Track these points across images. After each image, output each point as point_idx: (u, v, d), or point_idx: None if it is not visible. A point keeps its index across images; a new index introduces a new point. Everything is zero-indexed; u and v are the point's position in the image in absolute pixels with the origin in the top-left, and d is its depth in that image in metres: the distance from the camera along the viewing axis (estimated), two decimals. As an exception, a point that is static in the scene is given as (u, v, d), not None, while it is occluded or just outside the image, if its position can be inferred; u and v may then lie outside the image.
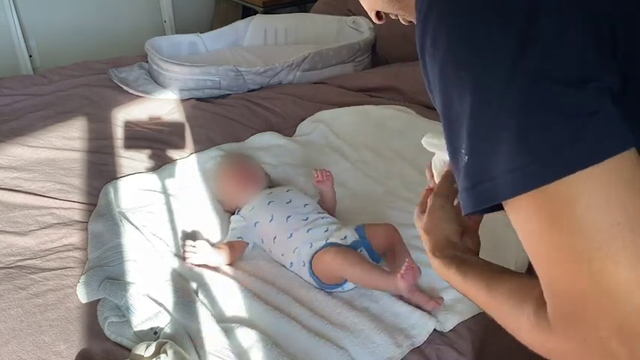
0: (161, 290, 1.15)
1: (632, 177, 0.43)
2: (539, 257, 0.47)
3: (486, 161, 0.47)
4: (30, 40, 2.72)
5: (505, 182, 0.45)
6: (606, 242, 0.42)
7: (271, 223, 1.31)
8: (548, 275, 0.47)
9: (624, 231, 0.41)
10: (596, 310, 0.43)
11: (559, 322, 0.46)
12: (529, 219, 0.46)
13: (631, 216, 0.42)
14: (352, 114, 1.90)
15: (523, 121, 0.44)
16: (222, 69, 2.08)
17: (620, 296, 0.41)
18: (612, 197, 0.42)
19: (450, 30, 0.49)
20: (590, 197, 0.42)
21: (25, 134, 1.74)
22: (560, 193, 0.43)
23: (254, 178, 1.47)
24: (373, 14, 0.72)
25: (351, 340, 1.05)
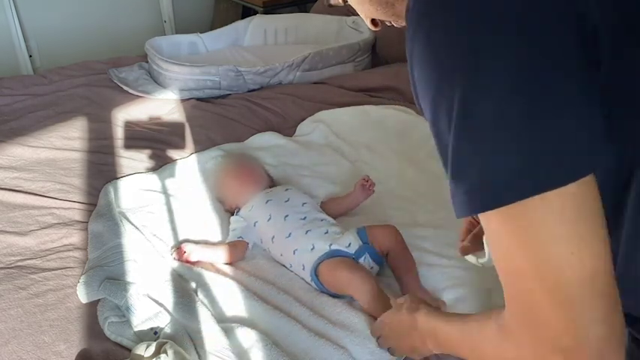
0: (161, 290, 1.15)
1: (590, 204, 0.48)
2: (504, 268, 0.53)
3: (461, 176, 0.51)
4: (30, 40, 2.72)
5: (471, 199, 0.50)
6: (559, 268, 0.48)
7: (269, 222, 1.31)
8: (510, 283, 0.53)
9: (575, 260, 0.47)
10: (550, 315, 0.49)
11: (516, 321, 0.53)
12: (498, 233, 0.51)
13: (583, 246, 0.47)
14: (352, 114, 1.90)
15: (488, 142, 0.48)
16: (222, 69, 2.08)
17: (568, 307, 0.48)
18: (567, 226, 0.47)
19: (436, 50, 0.51)
20: (549, 223, 0.47)
21: (25, 134, 1.74)
22: (521, 214, 0.48)
23: (255, 178, 1.47)
24: (369, 21, 0.74)
25: (351, 340, 1.05)
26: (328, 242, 1.22)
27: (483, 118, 0.48)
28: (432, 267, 1.22)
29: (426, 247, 1.28)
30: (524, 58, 0.47)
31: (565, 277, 0.47)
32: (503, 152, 0.47)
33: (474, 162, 0.49)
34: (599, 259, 0.47)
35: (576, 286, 0.47)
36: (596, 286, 0.47)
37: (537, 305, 0.50)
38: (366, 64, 2.40)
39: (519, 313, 0.53)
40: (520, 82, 0.47)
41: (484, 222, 0.52)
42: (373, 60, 2.44)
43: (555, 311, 0.48)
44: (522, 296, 0.51)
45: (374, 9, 0.69)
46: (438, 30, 0.51)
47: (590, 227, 0.47)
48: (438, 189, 1.46)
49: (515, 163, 0.47)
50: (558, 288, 0.48)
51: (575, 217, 0.47)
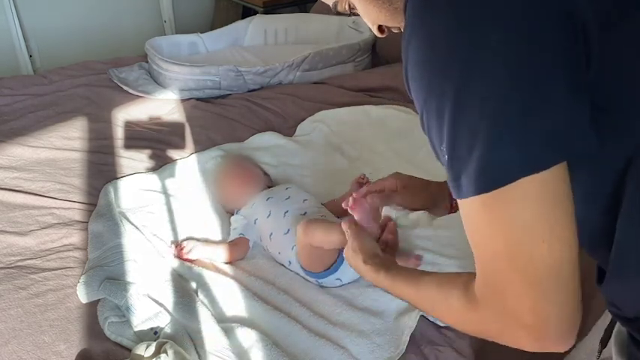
0: (161, 290, 1.15)
1: (561, 192, 0.50)
2: (478, 248, 0.56)
3: (451, 166, 0.54)
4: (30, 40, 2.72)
5: (461, 184, 0.53)
6: (530, 253, 0.51)
7: (269, 218, 1.31)
8: (483, 262, 0.56)
9: (545, 247, 0.50)
10: (517, 292, 0.52)
11: (486, 295, 0.56)
12: (472, 216, 0.55)
13: (553, 235, 0.50)
14: (352, 114, 1.90)
15: (455, 134, 0.51)
16: (222, 69, 2.08)
17: (534, 286, 0.51)
18: (540, 213, 0.50)
19: (431, 46, 0.53)
20: (524, 209, 0.50)
21: (25, 134, 1.74)
22: (498, 201, 0.51)
23: (252, 180, 1.46)
24: (375, 28, 0.75)
25: (352, 340, 1.05)
26: None
27: (469, 113, 0.50)
28: (432, 266, 1.22)
29: (426, 246, 1.28)
30: (513, 55, 0.48)
31: (535, 261, 0.51)
32: (481, 143, 0.49)
33: (458, 152, 0.52)
34: (567, 248, 0.51)
35: (544, 270, 0.51)
36: (562, 273, 0.51)
37: (507, 283, 0.53)
38: (366, 64, 2.40)
39: (489, 289, 0.56)
40: (503, 77, 0.49)
41: (461, 207, 0.55)
42: (373, 60, 2.44)
43: (523, 290, 0.52)
44: (494, 274, 0.54)
45: (379, 12, 0.70)
46: (434, 26, 0.53)
47: (560, 216, 0.50)
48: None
49: (490, 153, 0.49)
50: (528, 270, 0.51)
51: (547, 204, 0.50)
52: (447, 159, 0.53)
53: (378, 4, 0.69)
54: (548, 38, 0.49)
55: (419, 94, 0.56)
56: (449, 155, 0.53)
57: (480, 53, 0.49)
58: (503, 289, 0.54)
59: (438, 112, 0.52)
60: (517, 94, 0.49)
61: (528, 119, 0.49)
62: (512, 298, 0.53)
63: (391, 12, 0.69)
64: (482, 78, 0.49)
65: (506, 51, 0.49)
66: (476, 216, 0.54)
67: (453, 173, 0.53)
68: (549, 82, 0.49)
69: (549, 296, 0.52)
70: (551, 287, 0.51)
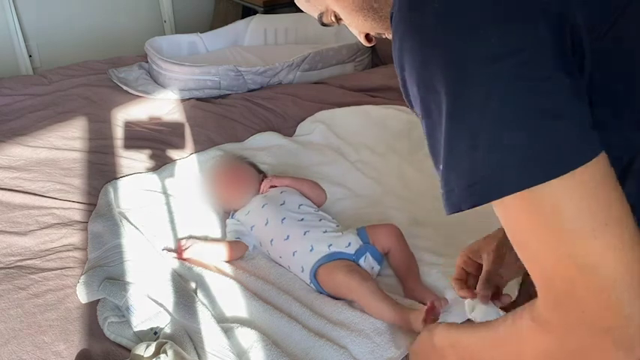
0: (161, 290, 1.15)
1: (605, 178, 0.48)
2: (527, 254, 0.51)
3: (460, 170, 0.51)
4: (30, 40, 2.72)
5: (478, 190, 0.50)
6: (588, 245, 0.46)
7: (267, 226, 1.30)
8: (540, 271, 0.50)
9: (601, 235, 0.46)
10: (585, 293, 0.47)
11: (553, 309, 0.50)
12: (514, 221, 0.50)
13: (610, 215, 0.46)
14: (352, 114, 1.90)
15: (491, 131, 0.48)
16: (222, 69, 2.07)
17: (604, 279, 0.46)
18: (591, 201, 0.47)
19: (423, 48, 0.52)
20: (569, 202, 0.47)
21: (25, 134, 1.74)
22: (538, 198, 0.47)
23: (245, 181, 1.45)
24: (362, 37, 0.75)
25: (351, 340, 1.05)
26: (327, 243, 1.21)
27: (492, 112, 0.48)
28: (432, 266, 1.22)
29: (426, 246, 1.28)
30: (511, 58, 0.48)
31: (595, 253, 0.46)
32: (515, 142, 0.47)
33: (482, 152, 0.49)
34: (627, 230, 0.47)
35: (608, 260, 0.46)
36: (627, 257, 0.46)
37: (571, 287, 0.47)
38: (366, 64, 2.40)
39: (554, 301, 0.50)
40: (515, 79, 0.48)
41: (501, 210, 0.51)
42: (373, 60, 2.44)
43: (591, 290, 0.46)
44: (553, 282, 0.49)
45: (365, 21, 0.70)
46: (422, 32, 0.52)
47: (613, 199, 0.47)
48: (438, 189, 1.46)
49: (526, 150, 0.47)
50: (589, 266, 0.46)
51: (597, 192, 0.47)
52: (468, 158, 0.50)
53: (363, 13, 0.69)
54: (546, 38, 0.49)
55: (416, 99, 0.55)
56: (470, 152, 0.50)
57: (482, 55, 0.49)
58: (567, 293, 0.48)
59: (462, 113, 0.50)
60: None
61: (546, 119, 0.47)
62: (580, 300, 0.47)
63: (377, 20, 0.69)
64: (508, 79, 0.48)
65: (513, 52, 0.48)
66: (515, 218, 0.50)
67: (477, 172, 0.50)
68: (558, 81, 0.48)
69: (622, 290, 0.46)
70: (620, 278, 0.46)
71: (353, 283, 1.12)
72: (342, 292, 1.15)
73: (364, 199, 1.52)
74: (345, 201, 1.51)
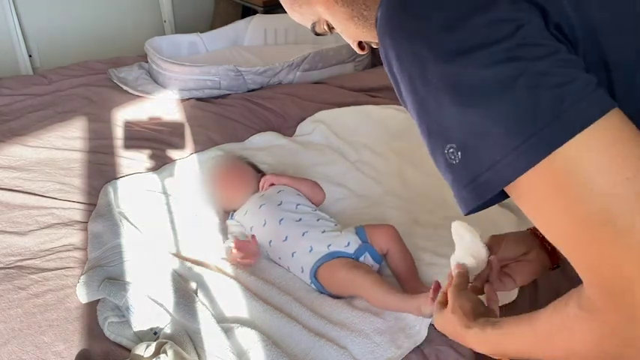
0: (161, 290, 1.15)
1: (625, 131, 0.44)
2: (561, 236, 0.46)
3: (481, 153, 0.48)
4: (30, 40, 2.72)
5: (505, 165, 0.46)
6: (623, 198, 0.41)
7: (265, 227, 1.30)
8: (577, 251, 0.45)
9: (636, 183, 0.41)
10: (636, 270, 0.41)
11: (605, 297, 0.44)
12: (539, 199, 0.46)
13: (638, 167, 0.42)
14: (352, 114, 1.90)
15: (506, 104, 0.46)
16: (222, 69, 2.07)
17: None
18: (614, 155, 0.43)
19: (412, 44, 0.51)
20: (592, 160, 0.43)
21: (25, 134, 1.74)
22: (560, 164, 0.44)
23: (242, 181, 1.45)
24: (355, 45, 0.76)
25: (351, 340, 1.05)
26: (326, 243, 1.21)
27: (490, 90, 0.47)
28: (431, 266, 1.22)
29: (426, 246, 1.28)
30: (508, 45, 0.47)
31: (636, 213, 0.41)
32: (527, 107, 0.45)
33: (489, 138, 0.47)
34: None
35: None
36: None
37: (616, 263, 0.42)
38: (366, 64, 2.40)
39: (599, 283, 0.44)
40: (511, 60, 0.47)
41: (518, 196, 0.48)
42: (373, 60, 2.44)
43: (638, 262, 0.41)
44: (595, 260, 0.43)
45: (356, 29, 0.71)
46: (409, 29, 0.52)
47: (637, 151, 0.43)
48: (438, 189, 1.46)
49: (546, 111, 0.45)
50: (630, 230, 0.41)
51: (617, 146, 0.43)
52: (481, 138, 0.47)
53: (354, 21, 0.70)
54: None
55: (409, 97, 0.55)
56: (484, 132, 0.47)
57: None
58: (613, 271, 0.42)
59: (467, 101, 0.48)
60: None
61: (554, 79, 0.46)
62: (629, 277, 0.41)
63: (367, 27, 0.70)
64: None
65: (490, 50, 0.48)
66: (540, 195, 0.46)
67: (490, 155, 0.47)
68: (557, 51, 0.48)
69: None
70: None
71: (357, 277, 1.12)
72: (346, 288, 1.15)
73: (364, 199, 1.52)
74: (345, 201, 1.51)
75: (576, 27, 0.49)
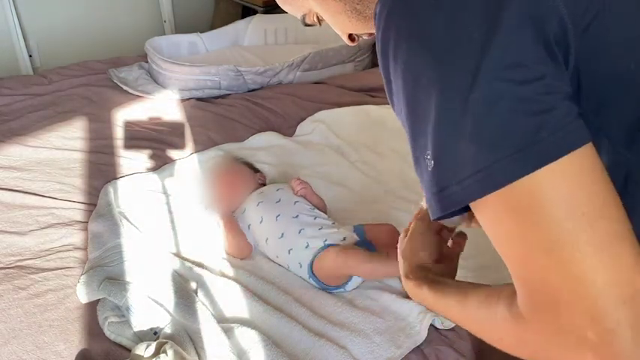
0: (161, 290, 1.15)
1: (593, 168, 0.46)
2: (511, 254, 0.49)
3: (452, 166, 0.49)
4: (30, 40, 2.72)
5: (471, 184, 0.47)
6: (573, 233, 0.44)
7: (262, 224, 1.30)
8: (520, 269, 0.48)
9: (589, 221, 0.44)
10: (568, 298, 0.44)
11: (533, 311, 0.47)
12: (498, 218, 0.48)
13: (595, 206, 0.44)
14: (352, 114, 1.90)
15: (484, 123, 0.47)
16: (222, 69, 2.07)
17: (587, 283, 0.43)
18: (576, 190, 0.45)
19: (409, 44, 0.51)
20: (554, 191, 0.44)
21: (25, 134, 1.74)
22: (525, 190, 0.45)
23: (239, 183, 1.45)
24: (345, 37, 0.75)
25: (351, 340, 1.05)
26: (323, 239, 1.21)
27: (473, 112, 0.47)
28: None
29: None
30: (496, 56, 0.47)
31: (582, 254, 0.43)
32: (500, 130, 0.46)
33: (462, 153, 0.48)
34: (614, 222, 0.44)
35: (596, 264, 0.42)
36: (613, 251, 0.43)
37: (553, 292, 0.44)
38: (366, 64, 2.40)
39: (533, 303, 0.47)
40: (495, 79, 0.47)
41: (479, 212, 0.49)
42: (373, 60, 2.44)
43: (574, 298, 0.43)
44: (534, 284, 0.46)
45: (348, 22, 0.70)
46: (410, 38, 0.52)
47: (598, 190, 0.45)
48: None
49: (518, 137, 0.46)
50: (574, 269, 0.43)
51: (581, 181, 0.45)
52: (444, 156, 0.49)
53: (347, 14, 0.69)
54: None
55: (401, 101, 0.54)
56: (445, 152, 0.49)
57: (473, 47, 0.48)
58: (549, 297, 0.45)
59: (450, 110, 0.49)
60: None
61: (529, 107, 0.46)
62: (563, 307, 0.44)
63: (361, 20, 0.69)
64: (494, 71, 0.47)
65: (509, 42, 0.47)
66: (496, 217, 0.48)
67: (464, 170, 0.48)
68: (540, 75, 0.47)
69: (609, 294, 0.42)
70: (607, 283, 0.42)
71: (347, 256, 1.15)
72: (339, 270, 1.16)
73: (364, 199, 1.52)
74: (345, 201, 1.51)
75: (573, 43, 0.49)
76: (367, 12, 0.67)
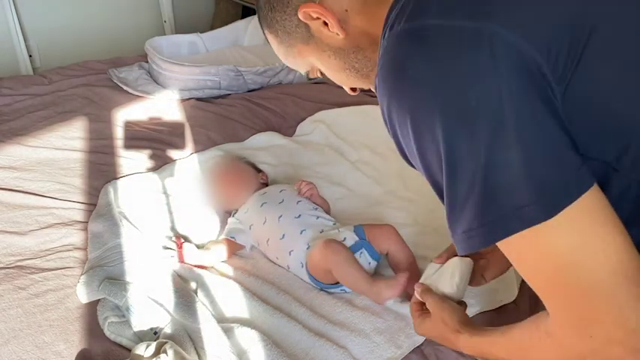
0: (161, 290, 1.15)
1: (601, 207, 0.54)
2: (540, 286, 0.58)
3: (468, 213, 0.57)
4: (30, 40, 2.72)
5: (495, 227, 0.55)
6: (591, 268, 0.53)
7: (265, 225, 1.30)
8: (549, 298, 0.58)
9: (602, 256, 0.53)
10: (597, 315, 0.54)
11: (565, 330, 0.57)
12: (525, 257, 0.57)
13: (606, 244, 0.53)
14: (352, 114, 1.90)
15: (491, 182, 0.54)
16: (222, 69, 2.07)
17: (615, 305, 0.53)
18: (588, 229, 0.53)
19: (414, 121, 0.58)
20: (573, 232, 0.53)
21: (25, 134, 1.74)
22: (540, 233, 0.53)
23: (241, 182, 1.45)
24: (348, 89, 0.83)
25: (351, 340, 1.05)
26: (323, 239, 1.21)
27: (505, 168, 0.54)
28: (431, 267, 1.22)
29: (426, 246, 1.28)
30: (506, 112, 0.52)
31: (598, 275, 0.52)
32: (519, 186, 0.53)
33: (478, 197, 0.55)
34: (623, 251, 0.53)
35: (610, 278, 0.52)
36: (628, 274, 0.52)
37: (581, 309, 0.54)
38: (366, 64, 2.40)
39: (567, 323, 0.57)
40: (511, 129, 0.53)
41: (507, 248, 0.57)
42: (373, 60, 2.43)
43: (601, 309, 0.53)
44: (565, 305, 0.56)
45: (347, 78, 0.77)
46: (407, 97, 0.57)
47: (608, 225, 0.53)
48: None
49: (531, 193, 0.53)
50: (595, 286, 0.53)
51: (593, 220, 0.53)
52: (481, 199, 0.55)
53: (346, 72, 0.76)
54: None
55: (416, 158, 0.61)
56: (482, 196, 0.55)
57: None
58: (577, 313, 0.55)
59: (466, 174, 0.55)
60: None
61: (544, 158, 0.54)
62: (591, 319, 0.54)
63: (359, 78, 0.76)
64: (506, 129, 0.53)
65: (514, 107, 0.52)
66: (522, 253, 0.56)
67: (489, 214, 0.55)
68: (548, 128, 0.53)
69: (627, 302, 0.52)
70: (625, 293, 0.52)
71: (329, 251, 1.14)
72: (322, 263, 1.16)
73: (364, 198, 1.52)
74: (345, 201, 1.51)
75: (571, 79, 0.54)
76: (365, 70, 0.75)
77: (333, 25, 0.70)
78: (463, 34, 0.53)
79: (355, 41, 0.72)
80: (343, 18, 0.70)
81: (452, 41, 0.54)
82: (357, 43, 0.72)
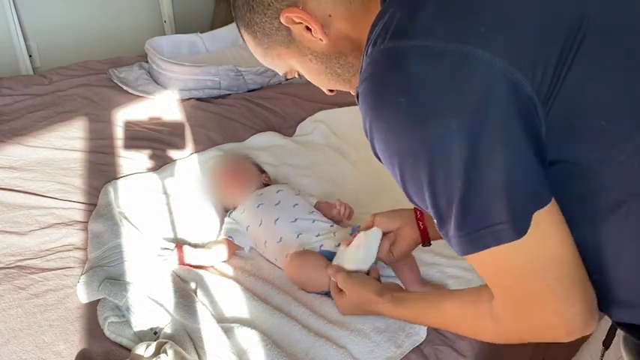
0: (161, 290, 1.15)
1: (555, 220, 0.59)
2: (496, 283, 0.65)
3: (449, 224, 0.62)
4: (30, 40, 2.72)
5: (467, 241, 0.60)
6: (545, 266, 0.60)
7: (260, 227, 1.30)
8: (501, 288, 0.65)
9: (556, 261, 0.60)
10: (540, 304, 0.62)
11: (509, 314, 0.66)
12: (493, 269, 0.63)
13: (564, 259, 0.60)
14: (352, 114, 1.90)
15: (468, 201, 0.57)
16: (222, 69, 2.08)
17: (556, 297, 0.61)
18: (547, 243, 0.59)
19: (390, 140, 0.62)
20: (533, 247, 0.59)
21: (25, 134, 1.74)
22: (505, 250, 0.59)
23: (244, 179, 1.46)
24: (325, 89, 0.84)
25: (351, 340, 1.05)
26: (319, 244, 1.22)
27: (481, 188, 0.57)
28: (432, 266, 1.22)
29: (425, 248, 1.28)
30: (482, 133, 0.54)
31: (548, 280, 0.60)
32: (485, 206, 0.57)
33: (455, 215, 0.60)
34: (571, 259, 0.60)
35: (557, 282, 0.60)
36: (573, 278, 0.60)
37: (528, 301, 0.62)
38: (366, 64, 2.40)
39: (512, 309, 0.65)
40: (486, 153, 0.55)
41: (474, 258, 0.62)
42: (373, 60, 2.43)
43: (544, 301, 0.61)
44: (514, 297, 0.64)
45: (328, 81, 0.78)
46: (390, 124, 0.59)
47: (562, 236, 0.59)
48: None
49: (502, 213, 0.57)
50: (544, 287, 0.60)
51: (549, 232, 0.59)
52: (459, 216, 0.59)
53: (327, 76, 0.77)
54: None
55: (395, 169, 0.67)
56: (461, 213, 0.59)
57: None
58: (526, 305, 0.62)
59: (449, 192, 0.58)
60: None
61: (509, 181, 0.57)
62: (538, 311, 0.62)
63: (340, 82, 0.78)
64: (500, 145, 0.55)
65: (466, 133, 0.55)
66: (495, 262, 0.61)
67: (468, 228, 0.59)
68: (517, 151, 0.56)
69: (568, 299, 0.60)
70: (568, 293, 0.60)
71: (289, 273, 1.20)
72: (295, 282, 1.21)
73: (364, 199, 1.52)
74: (345, 201, 1.51)
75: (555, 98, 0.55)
76: (346, 75, 0.76)
77: (317, 31, 0.69)
78: (445, 57, 0.53)
79: (338, 47, 0.72)
80: (326, 23, 0.70)
81: (434, 65, 0.54)
82: (339, 49, 0.72)
